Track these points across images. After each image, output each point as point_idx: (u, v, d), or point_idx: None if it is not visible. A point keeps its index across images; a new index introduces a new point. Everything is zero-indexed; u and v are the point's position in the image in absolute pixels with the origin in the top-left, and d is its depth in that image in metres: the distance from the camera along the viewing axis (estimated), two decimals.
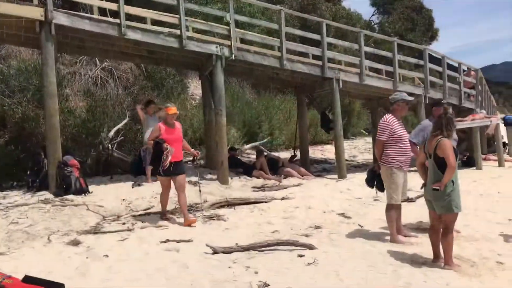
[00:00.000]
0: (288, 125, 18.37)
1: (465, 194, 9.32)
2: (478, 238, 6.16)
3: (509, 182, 11.01)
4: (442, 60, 14.35)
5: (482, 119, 13.94)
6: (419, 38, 28.19)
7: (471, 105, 15.56)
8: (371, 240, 6.05)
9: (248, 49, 11.02)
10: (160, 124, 7.02)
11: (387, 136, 5.94)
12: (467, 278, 4.65)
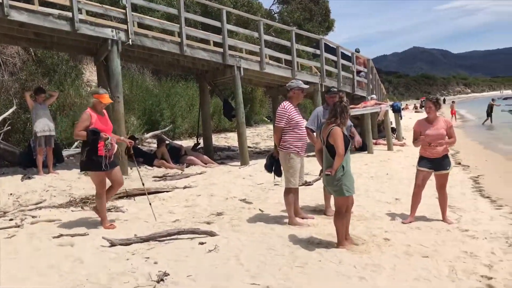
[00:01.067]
0: (191, 112, 18.22)
1: (357, 176, 9.94)
2: (368, 217, 6.60)
3: (397, 164, 11.92)
4: (337, 50, 15.06)
5: (373, 106, 14.87)
6: (317, 28, 29.33)
7: (363, 93, 16.56)
8: (270, 224, 6.22)
9: (146, 34, 10.68)
10: (90, 112, 6.05)
11: (285, 122, 6.12)
12: (358, 255, 4.96)
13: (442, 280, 4.32)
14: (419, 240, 5.51)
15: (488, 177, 10.29)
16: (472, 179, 10.02)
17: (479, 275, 4.45)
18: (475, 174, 10.56)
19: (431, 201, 6.97)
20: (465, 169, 11.41)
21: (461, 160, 13.05)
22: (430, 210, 6.73)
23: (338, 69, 15.04)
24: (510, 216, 6.84)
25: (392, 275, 4.41)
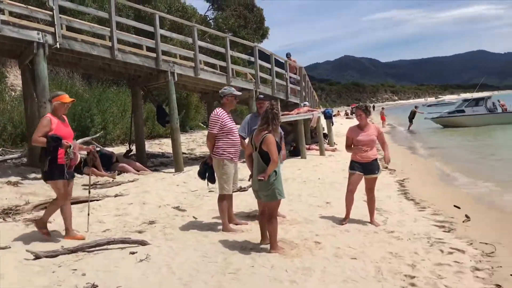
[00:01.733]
0: (123, 118, 17.75)
1: (291, 181, 10.20)
2: (300, 221, 6.74)
3: (328, 169, 12.27)
4: (271, 57, 15.31)
5: (305, 112, 15.24)
6: (252, 35, 29.68)
7: (296, 99, 16.93)
8: (204, 231, 6.18)
9: (76, 38, 10.31)
10: (49, 116, 5.64)
11: (218, 129, 6.13)
12: (290, 259, 5.05)
13: (369, 281, 4.50)
14: (348, 243, 5.71)
15: (412, 181, 10.85)
16: (398, 182, 10.52)
17: (403, 275, 4.67)
18: (401, 178, 11.09)
19: (360, 204, 7.23)
20: (391, 173, 11.95)
21: (388, 165, 13.64)
22: (359, 213, 6.97)
23: (272, 76, 15.28)
24: (432, 217, 7.26)
25: (322, 278, 4.53)
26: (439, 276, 4.68)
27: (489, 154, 16.06)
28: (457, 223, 6.94)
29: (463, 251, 5.50)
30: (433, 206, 8.02)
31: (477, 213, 7.58)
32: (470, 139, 22.31)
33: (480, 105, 30.13)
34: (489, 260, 5.28)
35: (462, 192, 9.78)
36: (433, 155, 17.12)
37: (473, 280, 4.64)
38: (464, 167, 13.45)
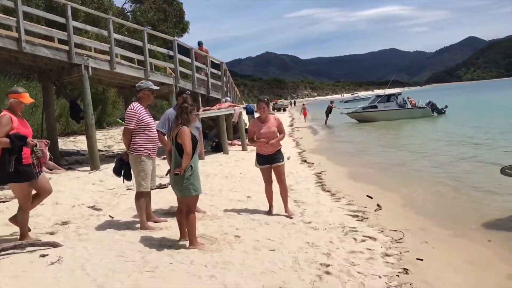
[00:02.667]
0: (34, 114, 16.69)
1: (212, 176, 10.17)
2: (221, 216, 6.75)
3: (250, 164, 12.37)
4: (190, 51, 15.12)
5: (227, 108, 15.27)
6: (171, 29, 29.13)
7: (218, 95, 16.91)
8: (121, 230, 5.99)
9: None
10: (9, 114, 5.19)
11: (134, 124, 5.95)
12: (209, 254, 5.03)
13: (286, 271, 4.60)
14: (267, 235, 5.80)
15: (329, 173, 11.27)
16: (316, 175, 10.86)
17: (319, 263, 4.84)
18: (318, 171, 11.47)
19: (278, 196, 7.37)
20: (310, 166, 12.32)
21: (307, 158, 14.07)
22: (278, 206, 7.10)
23: (192, 71, 15.12)
24: (346, 207, 7.59)
25: (241, 271, 4.56)
26: (352, 263, 4.89)
27: (400, 145, 17.08)
28: (370, 212, 7.31)
29: (375, 239, 5.80)
30: (348, 197, 8.39)
31: (388, 202, 8.02)
32: (382, 133, 23.57)
33: (391, 101, 31.95)
34: (398, 246, 5.61)
35: (374, 182, 10.30)
36: (348, 148, 17.91)
37: (383, 265, 4.91)
38: (375, 159, 14.21)
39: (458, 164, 12.21)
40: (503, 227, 6.45)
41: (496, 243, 5.86)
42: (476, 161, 12.39)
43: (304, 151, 16.38)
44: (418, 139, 19.56)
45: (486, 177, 10.00)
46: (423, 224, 6.76)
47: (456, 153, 14.04)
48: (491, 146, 14.87)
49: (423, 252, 5.43)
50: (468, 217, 7.08)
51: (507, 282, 4.69)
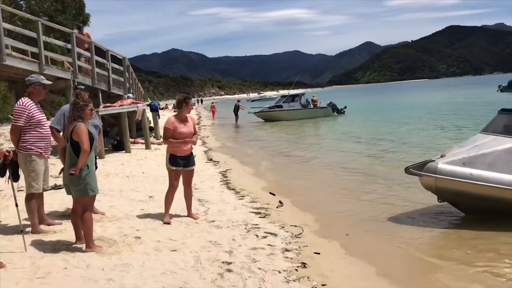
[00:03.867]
0: None
1: (113, 176, 9.80)
2: (121, 217, 6.50)
3: (154, 163, 12.10)
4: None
5: (129, 104, 14.77)
6: (71, 21, 27.56)
7: (120, 91, 16.30)
8: (9, 235, 5.53)
9: None
10: None
11: (24, 121, 5.52)
12: (107, 256, 4.82)
13: (188, 271, 4.56)
14: (169, 235, 5.70)
15: (234, 171, 11.37)
16: (221, 173, 10.89)
17: (221, 262, 4.85)
18: (224, 169, 11.51)
19: (181, 195, 7.27)
20: (215, 165, 12.33)
21: (213, 157, 14.07)
22: (181, 205, 7.00)
23: (92, 65, 14.41)
24: (250, 205, 7.69)
25: (141, 273, 4.43)
26: (253, 259, 4.96)
27: (304, 143, 17.73)
28: (272, 209, 7.48)
29: (276, 235, 5.95)
30: (252, 195, 8.51)
31: (290, 198, 8.27)
32: (288, 131, 24.31)
33: (295, 101, 33.07)
34: (297, 241, 5.80)
35: (278, 179, 10.57)
36: (254, 146, 18.22)
37: (283, 260, 5.04)
38: (280, 157, 14.63)
39: (357, 160, 12.92)
40: (399, 221, 6.89)
41: (389, 236, 6.28)
42: (375, 157, 13.20)
43: (211, 149, 16.37)
44: (320, 137, 20.45)
45: (385, 173, 10.69)
46: (322, 218, 7.05)
47: (356, 150, 14.87)
48: (388, 144, 15.93)
49: (321, 246, 5.67)
50: (365, 212, 7.50)
51: (398, 273, 5.03)
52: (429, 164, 6.48)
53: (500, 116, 7.24)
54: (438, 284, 4.70)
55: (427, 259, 5.42)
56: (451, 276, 4.85)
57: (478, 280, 4.70)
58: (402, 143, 16.07)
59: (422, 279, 4.90)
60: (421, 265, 5.33)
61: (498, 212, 6.39)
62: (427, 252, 5.71)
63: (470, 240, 5.92)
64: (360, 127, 23.48)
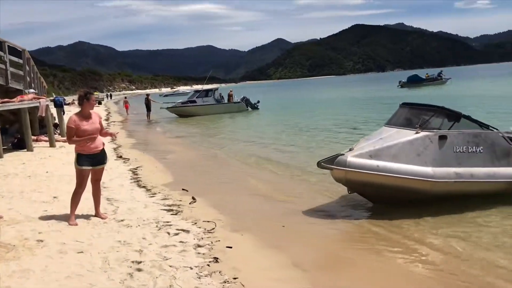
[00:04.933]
0: None
1: (12, 177, 9.18)
2: (21, 219, 6.09)
3: (58, 161, 11.47)
4: None
5: (31, 100, 13.85)
6: None
7: (19, 85, 15.22)
8: None
9: None
10: None
11: None
12: (5, 263, 4.50)
13: (95, 273, 4.38)
14: (75, 236, 5.44)
15: (146, 168, 11.09)
16: (132, 171, 10.58)
17: (130, 261, 4.72)
18: (134, 166, 11.19)
19: (89, 194, 6.97)
20: (125, 162, 11.95)
21: (123, 154, 13.63)
22: (88, 204, 6.70)
23: None
24: (162, 202, 7.56)
25: (43, 277, 4.19)
26: (164, 257, 4.89)
27: (220, 139, 17.76)
28: (184, 205, 7.41)
29: (188, 231, 5.90)
30: (164, 191, 8.38)
31: (204, 194, 8.24)
32: (202, 126, 24.20)
33: (209, 96, 32.99)
34: (210, 236, 5.80)
35: (191, 175, 10.49)
36: (166, 142, 17.93)
37: (195, 256, 5.02)
38: (193, 151, 14.54)
39: (272, 154, 13.18)
40: (311, 213, 7.11)
41: (302, 228, 6.48)
42: (288, 152, 13.56)
43: (120, 146, 15.83)
44: (235, 131, 20.60)
45: (297, 166, 11.00)
46: (235, 213, 7.11)
47: (270, 145, 15.17)
48: (300, 138, 16.42)
49: (233, 240, 5.71)
50: (279, 205, 7.68)
51: (310, 264, 5.21)
52: (339, 158, 6.75)
53: (401, 109, 7.74)
54: (351, 273, 4.95)
55: (340, 249, 5.69)
56: (363, 264, 5.12)
57: (389, 269, 5.01)
58: (314, 136, 16.70)
59: (334, 270, 5.12)
60: (333, 256, 5.58)
61: (404, 200, 6.85)
62: (339, 243, 6.01)
63: (379, 229, 6.25)
64: (273, 121, 24.01)
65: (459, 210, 6.64)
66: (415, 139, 6.76)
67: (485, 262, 4.97)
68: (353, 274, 4.88)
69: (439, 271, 4.83)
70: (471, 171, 6.76)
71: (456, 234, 5.83)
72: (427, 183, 6.56)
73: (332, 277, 4.81)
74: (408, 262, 5.11)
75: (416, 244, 5.58)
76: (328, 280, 4.67)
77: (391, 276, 4.79)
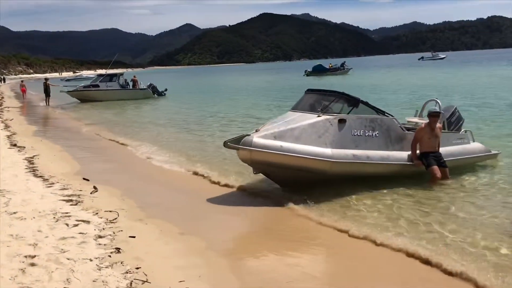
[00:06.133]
0: None
1: None
2: None
3: None
4: None
5: None
6: None
7: None
8: None
9: None
10: None
11: None
12: None
13: None
14: None
15: (44, 156, 10.42)
16: (27, 159, 9.89)
17: (23, 256, 4.43)
18: (30, 155, 10.46)
19: None
20: (21, 151, 11.13)
21: (18, 142, 12.67)
22: None
23: None
24: (60, 192, 7.16)
25: None
26: (62, 250, 4.65)
27: (125, 127, 17.10)
28: (85, 195, 7.08)
29: (88, 222, 5.66)
30: (63, 181, 7.94)
31: (106, 183, 7.91)
32: (104, 113, 23.16)
33: (113, 80, 31.66)
34: (112, 226, 5.61)
35: (93, 163, 10.03)
36: (66, 128, 16.97)
37: (96, 247, 4.82)
38: (96, 138, 13.90)
39: (178, 142, 12.96)
40: (216, 199, 7.11)
41: (206, 213, 6.47)
42: (197, 136, 13.44)
43: (15, 134, 14.69)
44: (141, 119, 19.98)
45: (204, 149, 10.96)
46: (139, 202, 6.91)
47: (176, 132, 14.94)
48: (209, 123, 16.33)
49: (137, 229, 5.57)
50: (183, 191, 7.61)
51: (210, 249, 5.21)
52: (245, 138, 6.85)
53: (306, 95, 8.02)
54: (255, 259, 5.04)
55: (244, 235, 5.77)
56: (267, 250, 5.22)
57: (297, 250, 5.17)
58: (225, 120, 16.72)
59: (238, 256, 5.18)
60: (239, 242, 5.64)
61: (306, 181, 7.09)
62: (244, 229, 6.09)
63: (283, 214, 6.43)
64: (181, 109, 23.63)
65: (356, 190, 7.01)
66: (316, 122, 7.04)
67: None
68: (257, 261, 4.96)
69: (331, 250, 5.08)
70: (367, 153, 7.19)
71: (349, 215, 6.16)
72: (326, 163, 6.87)
73: (235, 263, 4.85)
74: (314, 246, 5.32)
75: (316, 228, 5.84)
76: (230, 266, 4.70)
77: (294, 261, 4.94)
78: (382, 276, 4.48)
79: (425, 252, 4.73)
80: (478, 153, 8.49)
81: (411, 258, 4.73)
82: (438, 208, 6.34)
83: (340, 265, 4.80)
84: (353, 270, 4.61)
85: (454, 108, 9.11)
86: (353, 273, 4.52)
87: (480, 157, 8.55)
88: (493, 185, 7.34)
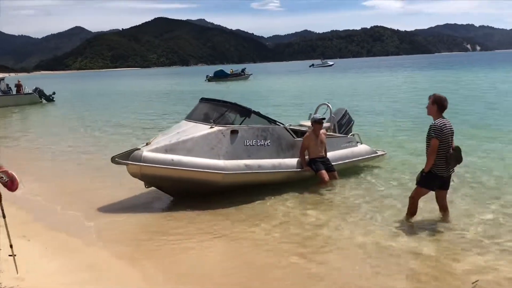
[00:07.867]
0: None
1: None
2: None
3: None
4: None
5: None
6: None
7: None
8: None
9: None
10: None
11: None
12: None
13: None
14: None
15: None
16: None
17: None
18: None
19: None
20: None
21: None
22: None
23: None
24: None
25: None
26: None
27: (10, 134, 15.84)
28: None
29: None
30: None
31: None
32: None
33: None
34: None
35: None
36: None
37: None
38: None
39: (69, 149, 12.34)
40: (109, 208, 6.92)
41: (92, 228, 6.24)
42: (88, 146, 12.82)
43: None
44: (28, 126, 18.64)
45: (96, 162, 10.58)
46: (19, 218, 6.44)
47: (66, 140, 14.14)
48: (101, 132, 15.68)
49: (18, 247, 5.14)
50: (71, 205, 7.24)
51: (101, 262, 5.04)
52: (135, 153, 6.69)
53: (200, 104, 8.03)
54: (149, 264, 4.96)
55: (138, 242, 5.65)
56: (165, 254, 5.18)
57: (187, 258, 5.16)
58: (116, 127, 16.23)
59: (130, 265, 5.07)
60: (132, 250, 5.52)
61: (200, 192, 7.12)
62: (139, 236, 5.97)
63: (178, 222, 6.43)
64: (71, 115, 22.49)
65: (254, 198, 7.19)
66: (209, 134, 7.08)
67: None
68: (152, 264, 4.91)
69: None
70: (259, 163, 7.36)
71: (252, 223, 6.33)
72: (218, 175, 6.94)
73: (127, 273, 4.75)
74: (202, 248, 5.38)
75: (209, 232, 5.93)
76: (120, 277, 4.59)
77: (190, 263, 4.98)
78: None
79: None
80: (365, 155, 9.01)
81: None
82: (323, 208, 6.75)
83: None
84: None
85: (345, 111, 9.69)
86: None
87: (368, 158, 9.10)
88: (381, 181, 7.97)
